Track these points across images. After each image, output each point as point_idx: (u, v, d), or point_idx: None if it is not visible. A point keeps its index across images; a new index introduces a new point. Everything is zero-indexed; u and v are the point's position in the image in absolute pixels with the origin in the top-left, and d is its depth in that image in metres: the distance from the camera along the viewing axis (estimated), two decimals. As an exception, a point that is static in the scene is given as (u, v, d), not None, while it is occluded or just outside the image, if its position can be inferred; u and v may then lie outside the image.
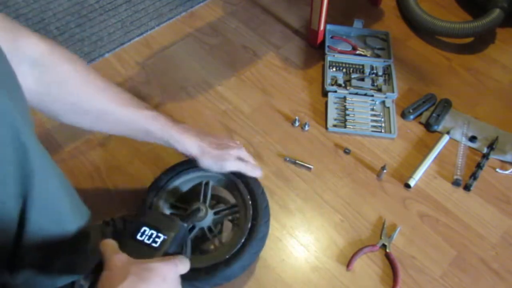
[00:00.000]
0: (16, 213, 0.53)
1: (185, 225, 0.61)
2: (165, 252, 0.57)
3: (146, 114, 0.70)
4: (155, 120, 0.71)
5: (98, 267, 0.53)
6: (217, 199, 0.89)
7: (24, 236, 0.55)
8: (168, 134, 0.72)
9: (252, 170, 0.80)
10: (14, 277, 0.60)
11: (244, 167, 0.79)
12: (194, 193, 0.85)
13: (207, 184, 0.83)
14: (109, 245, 0.55)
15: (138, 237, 0.58)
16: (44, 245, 0.58)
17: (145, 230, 0.58)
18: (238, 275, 0.74)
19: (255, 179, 0.82)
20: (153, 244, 0.57)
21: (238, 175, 0.81)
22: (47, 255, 0.60)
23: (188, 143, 0.74)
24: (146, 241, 0.57)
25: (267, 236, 0.79)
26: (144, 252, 0.56)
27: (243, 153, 0.81)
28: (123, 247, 0.56)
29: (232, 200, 0.87)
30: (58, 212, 0.58)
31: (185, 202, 0.84)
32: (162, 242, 0.57)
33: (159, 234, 0.58)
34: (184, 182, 0.85)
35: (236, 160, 0.78)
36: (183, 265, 0.56)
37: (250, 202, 0.79)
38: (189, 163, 0.84)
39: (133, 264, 0.53)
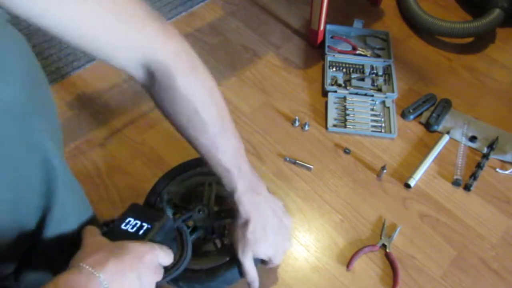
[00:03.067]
0: (34, 225, 0.54)
1: (171, 217, 0.61)
2: (149, 241, 0.57)
3: (235, 174, 0.66)
4: (236, 181, 0.67)
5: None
6: (221, 199, 0.88)
7: (37, 246, 0.56)
8: (233, 194, 0.68)
9: (251, 279, 0.72)
10: (18, 282, 0.60)
11: (246, 272, 0.71)
12: (198, 194, 0.84)
13: (210, 185, 0.83)
14: (90, 229, 0.56)
15: (123, 226, 0.58)
16: (55, 254, 0.58)
17: (130, 221, 0.58)
18: (239, 278, 0.74)
19: None
20: (136, 233, 0.57)
21: None
22: (56, 263, 0.61)
23: (240, 212, 0.68)
24: (130, 230, 0.57)
25: None
26: (126, 238, 0.55)
27: (275, 261, 0.73)
28: (106, 235, 0.56)
29: None
30: (72, 219, 0.59)
31: (188, 203, 0.83)
32: (145, 231, 0.57)
33: (143, 224, 0.58)
34: (188, 182, 0.84)
35: (251, 262, 0.70)
36: (163, 253, 0.55)
37: None
38: (192, 164, 0.84)
39: (107, 243, 0.52)
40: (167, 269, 0.62)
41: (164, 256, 0.56)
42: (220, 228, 0.83)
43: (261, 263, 0.74)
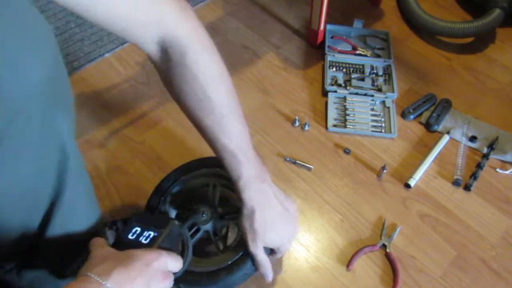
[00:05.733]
0: (41, 215, 0.54)
1: (177, 222, 0.60)
2: (157, 245, 0.57)
3: (241, 160, 0.65)
4: (241, 167, 0.66)
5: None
6: (225, 201, 0.88)
7: (44, 238, 0.56)
8: (238, 181, 0.66)
9: (265, 270, 0.71)
10: (21, 277, 0.60)
11: (260, 263, 0.70)
12: (202, 195, 0.84)
13: (214, 187, 0.82)
14: (97, 241, 0.56)
15: (129, 236, 0.58)
16: (61, 248, 0.58)
17: (136, 230, 0.58)
18: (240, 283, 0.73)
19: None
20: (143, 241, 0.57)
21: None
22: (62, 257, 0.60)
23: (245, 200, 0.67)
24: (136, 239, 0.57)
25: None
26: (134, 248, 0.55)
27: (283, 250, 0.73)
28: (114, 247, 0.56)
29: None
30: (79, 216, 0.59)
31: (192, 204, 0.83)
32: (152, 239, 0.57)
33: (150, 232, 0.57)
34: (192, 183, 0.84)
35: (263, 253, 0.70)
36: (171, 259, 0.55)
37: None
38: (196, 166, 0.84)
39: (115, 253, 0.52)
40: None
41: (174, 262, 0.56)
42: (223, 230, 0.83)
43: (269, 254, 0.74)
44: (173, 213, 0.82)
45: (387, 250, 0.87)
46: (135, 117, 1.06)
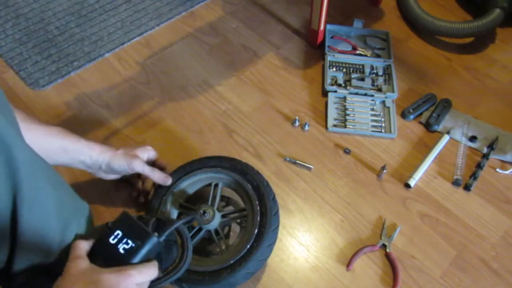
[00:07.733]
0: (9, 210, 0.54)
1: (156, 236, 0.61)
2: (132, 259, 0.58)
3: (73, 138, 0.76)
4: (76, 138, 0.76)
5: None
6: (226, 201, 0.88)
7: (18, 239, 0.56)
8: (81, 145, 0.77)
9: (158, 177, 0.81)
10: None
11: (150, 172, 0.80)
12: (204, 194, 0.84)
13: (216, 186, 0.82)
14: (77, 247, 0.57)
15: (111, 240, 0.59)
16: (37, 253, 0.58)
17: (118, 234, 0.60)
18: (242, 282, 0.73)
19: (266, 184, 0.81)
20: (121, 250, 0.59)
21: (248, 179, 0.81)
22: (40, 266, 0.61)
23: (99, 149, 0.78)
24: (116, 245, 0.59)
25: (275, 243, 0.77)
26: (110, 255, 0.58)
27: (151, 153, 0.83)
28: (94, 245, 0.59)
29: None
30: (46, 206, 0.59)
31: (194, 203, 0.83)
32: (128, 250, 0.59)
33: (128, 241, 0.59)
34: (194, 183, 0.84)
35: (143, 163, 0.80)
36: (141, 275, 0.57)
37: (258, 208, 0.77)
38: (199, 164, 0.84)
39: (85, 274, 0.54)
40: (167, 272, 0.63)
41: (142, 276, 0.57)
42: (225, 229, 0.83)
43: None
44: (174, 213, 0.82)
45: (387, 250, 0.87)
46: (135, 117, 1.06)
